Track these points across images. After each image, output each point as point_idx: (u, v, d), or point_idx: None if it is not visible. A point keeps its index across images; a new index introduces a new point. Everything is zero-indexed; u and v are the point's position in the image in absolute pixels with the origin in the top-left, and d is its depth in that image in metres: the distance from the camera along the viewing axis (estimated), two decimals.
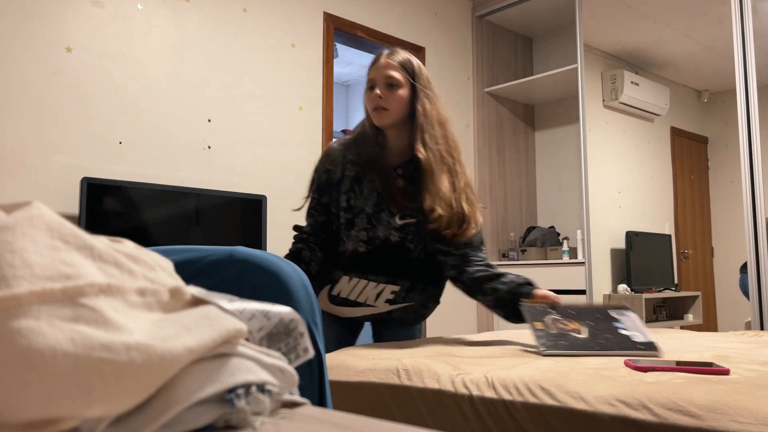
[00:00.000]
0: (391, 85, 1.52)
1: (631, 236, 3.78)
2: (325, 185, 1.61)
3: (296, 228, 1.66)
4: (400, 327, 1.65)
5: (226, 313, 0.38)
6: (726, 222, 4.46)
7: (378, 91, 1.51)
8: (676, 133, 4.59)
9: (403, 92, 1.52)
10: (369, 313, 1.61)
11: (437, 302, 1.67)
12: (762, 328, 2.71)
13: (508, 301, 1.46)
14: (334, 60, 3.33)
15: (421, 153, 1.48)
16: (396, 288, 1.56)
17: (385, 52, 1.57)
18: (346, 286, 1.58)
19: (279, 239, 2.73)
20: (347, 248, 1.56)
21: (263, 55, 2.90)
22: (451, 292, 1.65)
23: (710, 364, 1.05)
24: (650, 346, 1.28)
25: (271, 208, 2.78)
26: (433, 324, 3.49)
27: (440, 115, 1.55)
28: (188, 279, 0.43)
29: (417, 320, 1.67)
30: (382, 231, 1.54)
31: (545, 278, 3.62)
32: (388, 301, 1.58)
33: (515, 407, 1.00)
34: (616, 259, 3.72)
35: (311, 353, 0.44)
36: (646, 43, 3.98)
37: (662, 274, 3.94)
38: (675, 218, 4.28)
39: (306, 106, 3.04)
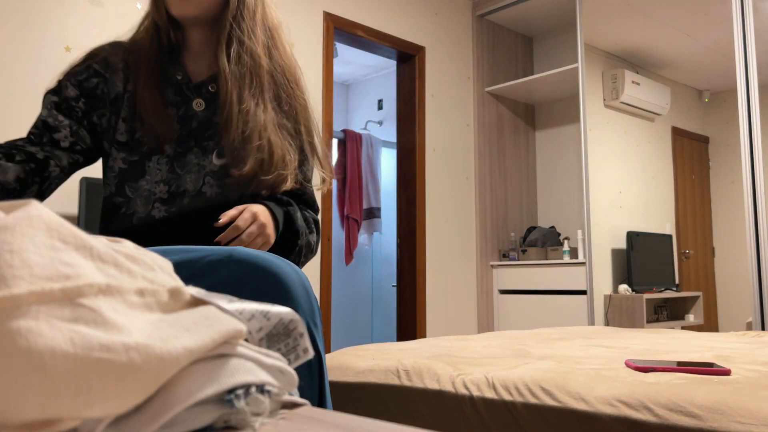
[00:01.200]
0: None
1: (631, 236, 3.78)
2: (93, 96, 1.04)
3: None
4: None
5: (226, 314, 0.38)
6: (727, 222, 4.46)
7: None
8: (677, 133, 4.59)
9: None
10: None
11: None
12: (763, 329, 2.71)
13: None
14: (334, 59, 3.33)
15: (225, 66, 1.01)
16: None
17: None
18: None
19: None
20: (134, 211, 0.99)
21: None
22: (452, 293, 1.63)
23: (711, 365, 1.05)
24: None
25: None
26: (434, 324, 3.49)
27: (269, 15, 1.08)
28: (187, 279, 0.43)
29: None
30: (192, 181, 1.01)
31: (546, 279, 3.62)
32: None
33: (516, 408, 1.00)
34: (617, 259, 3.72)
35: (311, 354, 0.44)
36: (647, 43, 3.98)
37: (663, 274, 3.94)
38: (676, 218, 4.28)
39: None
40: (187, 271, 0.67)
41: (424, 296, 3.44)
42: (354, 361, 1.34)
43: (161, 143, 1.01)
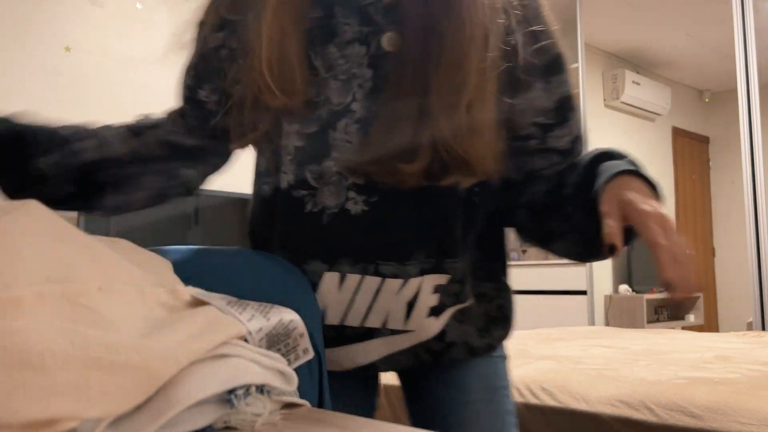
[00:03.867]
0: None
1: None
2: (221, 59, 0.71)
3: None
4: (464, 366, 0.76)
5: (226, 314, 0.38)
6: (727, 222, 4.46)
7: None
8: (678, 133, 4.59)
9: None
10: (396, 350, 0.71)
11: (508, 288, 0.77)
12: (763, 329, 2.71)
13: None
14: None
15: None
16: (443, 278, 0.69)
17: None
18: (332, 293, 0.68)
19: None
20: (323, 206, 0.66)
21: None
22: None
23: None
24: None
25: None
26: None
27: None
28: (187, 279, 0.42)
29: (496, 336, 0.75)
30: None
31: (546, 279, 3.62)
32: (434, 312, 0.69)
33: (517, 408, 1.00)
34: (617, 259, 3.72)
35: (311, 354, 0.44)
36: (648, 43, 3.97)
37: None
38: (676, 218, 4.27)
39: None
40: (188, 271, 0.67)
41: None
42: None
43: (346, 100, 0.65)
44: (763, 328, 2.71)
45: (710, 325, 4.07)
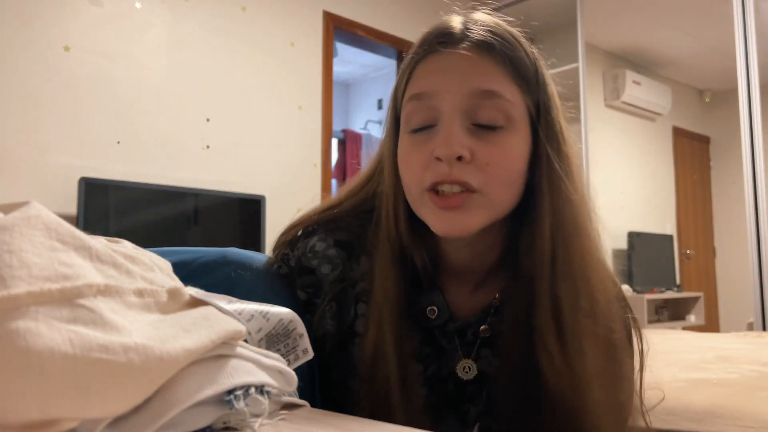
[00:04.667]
0: (490, 126, 0.57)
1: (632, 236, 3.77)
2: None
3: None
4: None
5: (225, 314, 0.38)
6: (728, 222, 4.45)
7: (446, 147, 0.54)
8: (678, 133, 4.59)
9: (518, 141, 0.59)
10: None
11: None
12: (764, 329, 2.71)
13: None
14: (334, 59, 3.33)
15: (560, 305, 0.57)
16: None
17: (457, 20, 0.62)
18: None
19: None
20: None
21: (262, 54, 2.90)
22: None
23: None
24: None
25: (269, 209, 2.78)
26: None
27: (572, 182, 0.61)
28: (183, 280, 0.43)
29: None
30: None
31: None
32: None
33: None
34: (618, 259, 3.72)
35: (311, 354, 0.44)
36: (648, 42, 3.97)
37: (664, 274, 3.94)
38: (677, 218, 4.27)
39: (305, 106, 3.04)
40: (182, 272, 0.67)
41: None
42: None
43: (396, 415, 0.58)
44: (764, 329, 2.71)
45: (711, 325, 4.07)
